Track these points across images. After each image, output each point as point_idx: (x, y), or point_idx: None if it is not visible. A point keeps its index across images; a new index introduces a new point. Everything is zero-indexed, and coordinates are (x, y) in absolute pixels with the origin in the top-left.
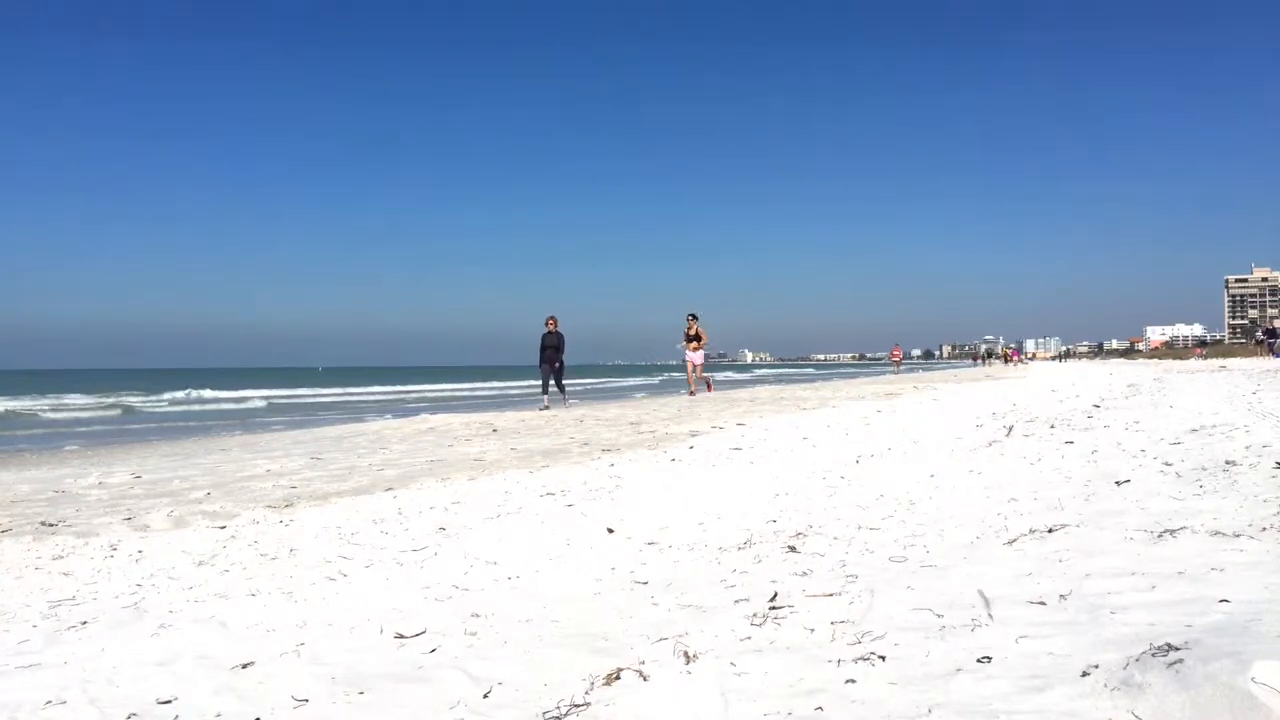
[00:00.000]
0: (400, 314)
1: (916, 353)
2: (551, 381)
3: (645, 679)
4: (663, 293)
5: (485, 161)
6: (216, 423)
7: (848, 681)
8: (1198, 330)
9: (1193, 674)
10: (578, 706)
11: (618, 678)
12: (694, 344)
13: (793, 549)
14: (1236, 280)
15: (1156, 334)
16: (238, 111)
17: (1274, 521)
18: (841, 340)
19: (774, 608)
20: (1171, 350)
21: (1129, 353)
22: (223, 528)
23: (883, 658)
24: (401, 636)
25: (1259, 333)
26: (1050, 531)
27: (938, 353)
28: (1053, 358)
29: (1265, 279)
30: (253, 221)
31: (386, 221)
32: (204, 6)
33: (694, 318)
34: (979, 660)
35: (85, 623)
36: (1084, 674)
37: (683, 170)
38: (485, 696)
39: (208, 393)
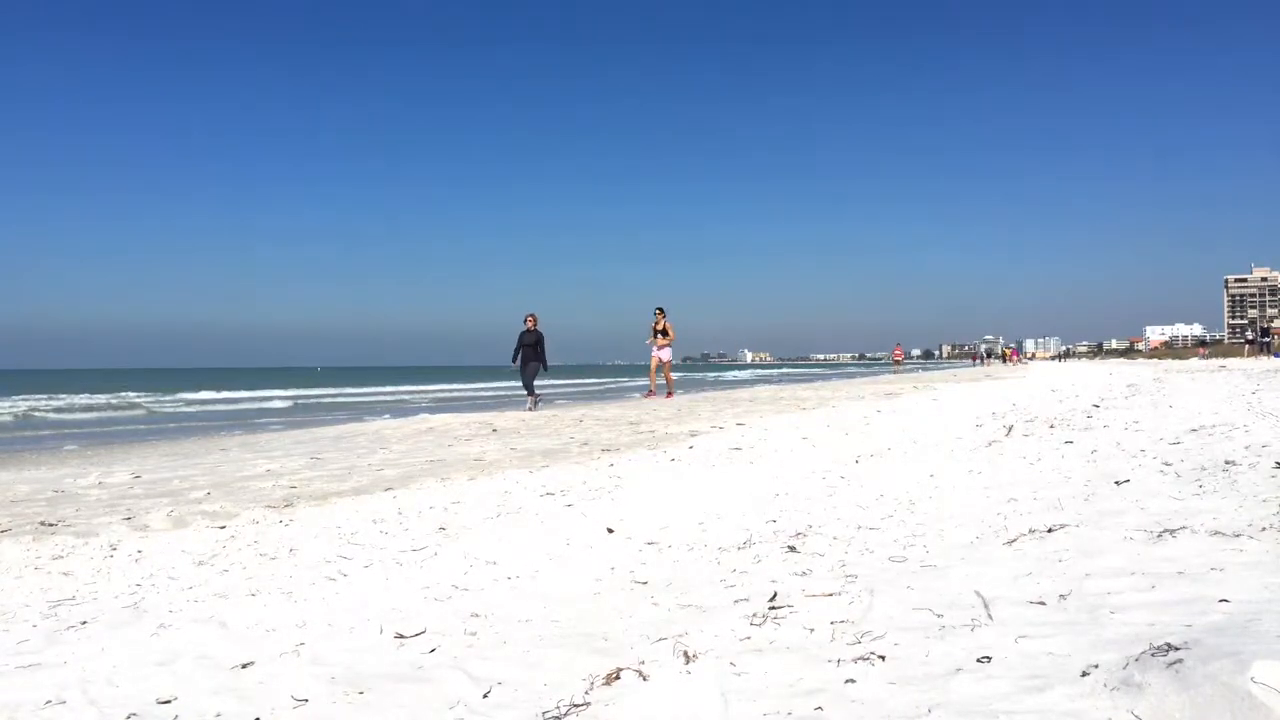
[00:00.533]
0: (400, 314)
1: (916, 352)
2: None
3: (645, 679)
4: (663, 292)
5: (485, 161)
6: (216, 423)
7: (847, 681)
8: (1197, 330)
9: (1193, 674)
10: (578, 706)
11: (618, 678)
12: (661, 340)
13: (792, 549)
14: (1236, 280)
15: (1156, 334)
16: (238, 111)
17: (1274, 521)
18: (841, 340)
19: (774, 608)
20: (1171, 350)
21: (1129, 353)
22: (222, 528)
23: (882, 658)
24: (401, 636)
25: (1248, 333)
26: (1050, 531)
27: (937, 353)
28: (1052, 358)
29: (1265, 279)
30: (253, 221)
31: (386, 221)
32: (204, 6)
33: (661, 311)
34: (979, 660)
35: (85, 623)
36: (1084, 674)
37: (683, 170)
38: (485, 696)
39: (228, 393)
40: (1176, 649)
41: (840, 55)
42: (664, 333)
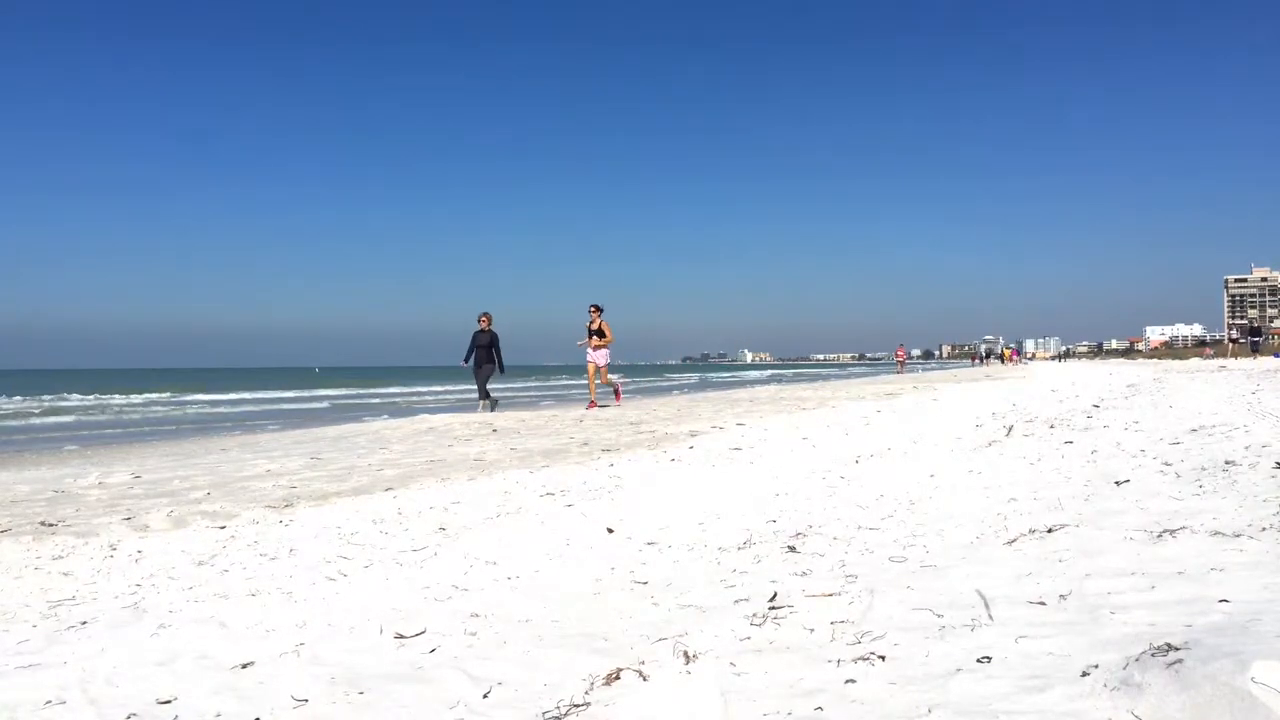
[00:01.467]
0: (400, 314)
1: (916, 353)
2: (486, 382)
3: (645, 679)
4: (663, 293)
5: (486, 161)
6: (217, 424)
7: (847, 681)
8: (1197, 330)
9: (1192, 674)
10: (577, 706)
11: (617, 678)
12: (596, 340)
13: (792, 549)
14: (1236, 280)
15: (1156, 334)
16: (239, 111)
17: (1274, 521)
18: (842, 340)
19: (774, 608)
20: (1171, 350)
21: (1129, 353)
22: (222, 528)
23: (882, 658)
24: (401, 636)
25: (1234, 331)
26: (1050, 531)
27: (937, 353)
28: (1052, 358)
29: (1265, 279)
30: (253, 221)
31: (386, 221)
32: (205, 6)
33: (597, 309)
34: (979, 660)
35: (85, 623)
36: (1084, 674)
37: (683, 170)
38: (485, 696)
39: (256, 394)
40: (1176, 649)
41: (840, 55)
42: (600, 333)
